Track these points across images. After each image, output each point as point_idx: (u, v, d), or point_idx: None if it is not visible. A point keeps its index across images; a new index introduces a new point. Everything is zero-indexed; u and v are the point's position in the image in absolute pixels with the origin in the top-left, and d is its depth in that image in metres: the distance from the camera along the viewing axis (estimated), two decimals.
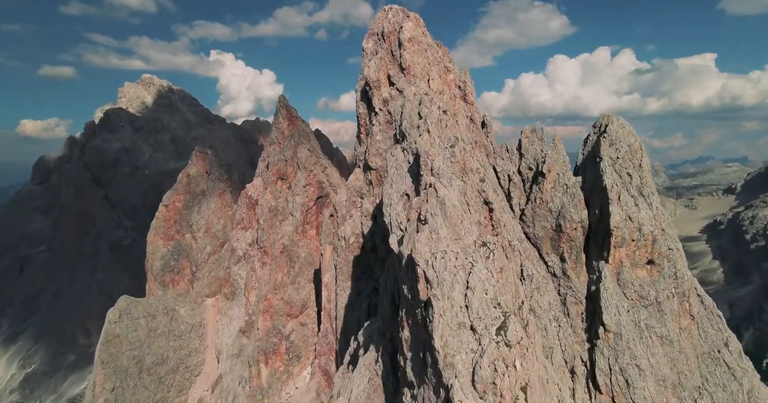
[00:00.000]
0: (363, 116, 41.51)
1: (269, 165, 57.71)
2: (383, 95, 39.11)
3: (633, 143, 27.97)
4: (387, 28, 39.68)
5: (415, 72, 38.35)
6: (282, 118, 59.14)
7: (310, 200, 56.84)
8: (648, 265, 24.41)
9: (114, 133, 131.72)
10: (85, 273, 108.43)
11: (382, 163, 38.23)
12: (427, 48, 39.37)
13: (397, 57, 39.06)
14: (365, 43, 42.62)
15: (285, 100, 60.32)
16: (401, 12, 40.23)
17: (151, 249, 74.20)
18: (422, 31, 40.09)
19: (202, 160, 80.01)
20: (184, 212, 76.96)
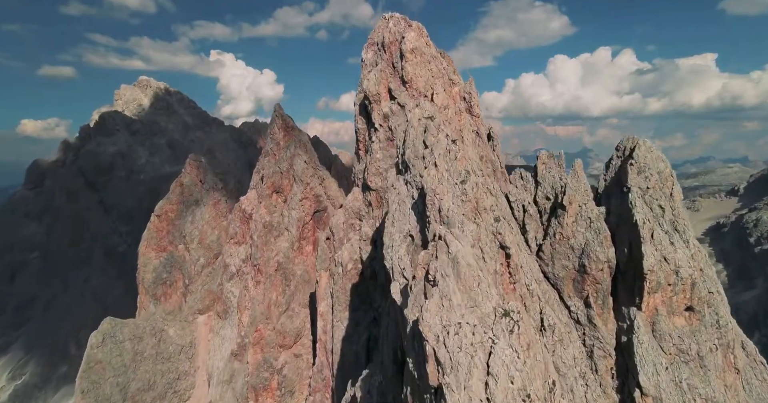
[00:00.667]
0: (362, 132, 38.25)
1: (264, 177, 54.45)
2: (383, 110, 35.86)
3: (663, 170, 24.78)
4: (388, 38, 36.39)
5: (417, 86, 35.09)
6: (277, 128, 55.82)
7: (306, 215, 53.59)
8: (686, 311, 21.26)
9: (109, 137, 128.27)
10: (78, 280, 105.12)
11: (382, 183, 35.00)
12: (430, 59, 36.09)
13: (398, 69, 35.80)
14: (364, 53, 39.33)
15: (280, 109, 57.00)
16: (403, 21, 36.93)
17: (143, 261, 70.95)
18: (425, 42, 36.80)
19: (195, 168, 76.69)
20: (177, 223, 73.68)
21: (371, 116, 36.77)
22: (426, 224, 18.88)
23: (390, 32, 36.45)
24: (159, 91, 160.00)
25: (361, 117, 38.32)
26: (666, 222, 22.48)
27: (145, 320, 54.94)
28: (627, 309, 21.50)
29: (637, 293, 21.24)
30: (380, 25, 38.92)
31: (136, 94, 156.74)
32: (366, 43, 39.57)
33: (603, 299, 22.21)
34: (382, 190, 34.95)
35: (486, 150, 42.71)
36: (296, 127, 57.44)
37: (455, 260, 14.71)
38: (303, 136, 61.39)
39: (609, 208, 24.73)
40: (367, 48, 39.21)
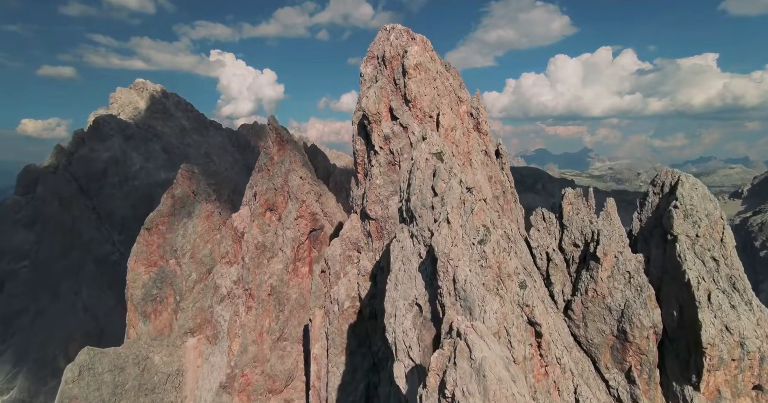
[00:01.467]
0: (361, 154, 34.33)
1: (257, 194, 50.52)
2: (384, 131, 31.95)
3: (712, 212, 20.93)
4: (389, 52, 32.44)
5: (422, 105, 31.17)
6: (271, 142, 51.86)
7: (302, 234, 49.70)
8: (754, 391, 17.46)
9: (103, 142, 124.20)
10: (69, 291, 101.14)
11: (383, 212, 31.11)
12: (436, 76, 32.18)
13: (400, 86, 31.87)
14: (363, 67, 35.39)
15: (274, 121, 53.05)
16: (405, 33, 32.97)
17: (132, 277, 67.01)
18: (430, 56, 32.87)
19: (188, 178, 72.68)
20: (168, 236, 69.70)
21: (371, 137, 32.87)
22: (437, 295, 15.03)
23: (391, 46, 32.51)
24: (155, 94, 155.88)
25: (359, 137, 34.41)
26: (722, 279, 18.64)
27: (129, 347, 51.02)
28: (680, 387, 17.67)
29: (693, 369, 17.42)
30: (380, 37, 34.99)
31: (131, 97, 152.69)
32: (365, 56, 35.63)
33: (649, 372, 18.38)
34: (383, 220, 31.08)
35: (495, 169, 38.85)
36: (291, 140, 53.52)
37: (481, 372, 10.86)
38: (298, 149, 57.46)
39: (648, 256, 20.89)
40: (366, 62, 35.28)
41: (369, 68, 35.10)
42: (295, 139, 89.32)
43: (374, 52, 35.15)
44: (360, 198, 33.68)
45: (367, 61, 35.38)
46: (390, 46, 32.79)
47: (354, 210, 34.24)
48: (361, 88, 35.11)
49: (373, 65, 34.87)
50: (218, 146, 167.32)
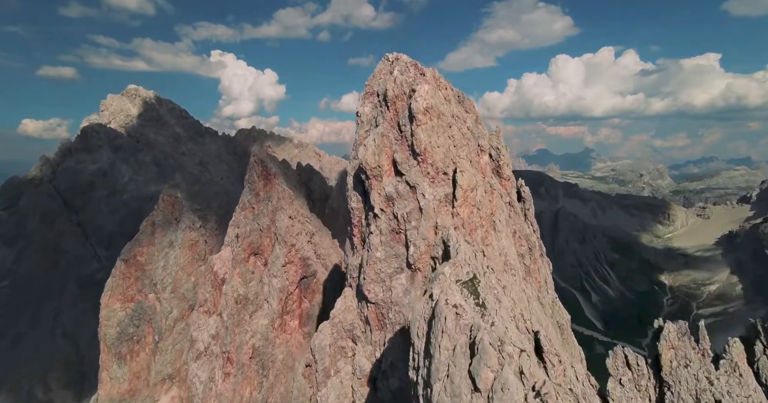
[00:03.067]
0: (357, 213, 27.86)
1: (239, 236, 44.05)
2: (386, 190, 25.52)
3: None
4: (392, 89, 25.97)
5: (434, 159, 24.72)
6: (256, 177, 45.38)
7: (291, 283, 43.29)
8: None
9: (90, 153, 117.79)
10: (49, 314, 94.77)
11: (384, 295, 24.69)
12: (452, 122, 25.74)
13: (406, 134, 25.42)
14: (360, 105, 28.91)
15: (261, 151, 46.60)
16: (412, 67, 26.48)
17: (106, 314, 60.68)
18: (443, 97, 26.43)
19: (170, 204, 66.35)
20: (148, 268, 63.39)
21: (370, 195, 26.42)
22: None
23: (395, 82, 26.02)
24: (148, 101, 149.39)
25: (355, 193, 27.93)
26: None
27: None
28: None
29: None
30: (381, 69, 28.51)
31: (123, 104, 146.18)
32: (363, 92, 29.14)
33: None
34: (385, 306, 24.65)
35: (518, 221, 32.31)
36: (279, 173, 47.03)
37: None
38: (289, 180, 51.00)
39: None
40: (364, 99, 28.80)
41: (367, 107, 28.63)
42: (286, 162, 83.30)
43: (374, 87, 28.69)
44: (356, 269, 27.22)
45: (365, 98, 28.91)
46: (393, 83, 26.31)
47: (348, 283, 27.78)
48: (359, 132, 28.64)
49: (373, 104, 28.40)
50: (213, 154, 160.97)
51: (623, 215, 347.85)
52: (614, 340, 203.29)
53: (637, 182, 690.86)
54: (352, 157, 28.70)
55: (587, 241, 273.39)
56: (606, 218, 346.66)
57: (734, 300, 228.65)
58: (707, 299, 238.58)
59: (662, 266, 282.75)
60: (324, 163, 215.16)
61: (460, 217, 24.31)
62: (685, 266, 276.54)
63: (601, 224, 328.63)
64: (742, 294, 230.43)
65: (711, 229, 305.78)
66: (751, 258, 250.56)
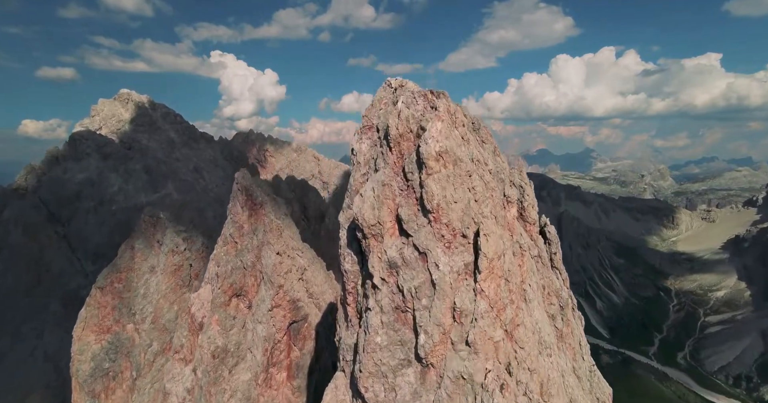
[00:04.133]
0: (352, 277, 22.15)
1: (219, 276, 38.40)
2: (388, 254, 19.85)
3: None
4: (396, 127, 20.26)
5: (450, 218, 19.02)
6: (240, 207, 39.67)
7: (278, 330, 37.66)
8: None
9: (78, 162, 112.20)
10: (31, 333, 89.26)
11: (387, 396, 19.01)
12: (472, 168, 20.01)
13: (414, 184, 19.71)
14: (356, 140, 23.18)
15: (245, 176, 40.84)
16: (421, 99, 20.69)
17: (78, 348, 55.16)
18: (461, 136, 20.71)
19: (152, 226, 60.71)
20: (126, 296, 57.84)
21: (368, 259, 20.74)
22: None
23: (400, 118, 20.30)
24: (141, 106, 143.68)
25: (350, 252, 22.24)
26: None
27: None
28: None
29: None
30: (381, 97, 22.82)
31: (115, 109, 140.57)
32: (360, 125, 23.42)
33: None
34: None
35: (547, 274, 26.73)
36: (267, 201, 41.29)
37: None
38: (279, 207, 45.28)
39: None
40: (361, 134, 23.10)
41: (365, 144, 22.94)
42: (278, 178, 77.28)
43: (372, 119, 22.99)
44: (350, 350, 21.55)
45: (363, 132, 23.21)
46: (397, 118, 20.58)
47: (341, 367, 22.09)
48: (354, 175, 22.96)
49: (372, 141, 22.71)
50: (209, 160, 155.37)
51: (627, 219, 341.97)
52: (620, 348, 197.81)
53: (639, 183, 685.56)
54: (346, 205, 23.03)
55: (591, 246, 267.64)
56: (609, 221, 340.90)
57: (742, 307, 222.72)
58: (714, 305, 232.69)
59: (667, 271, 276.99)
60: (323, 167, 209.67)
61: (485, 294, 18.64)
62: (690, 270, 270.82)
63: (605, 228, 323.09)
64: (750, 301, 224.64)
65: (716, 232, 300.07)
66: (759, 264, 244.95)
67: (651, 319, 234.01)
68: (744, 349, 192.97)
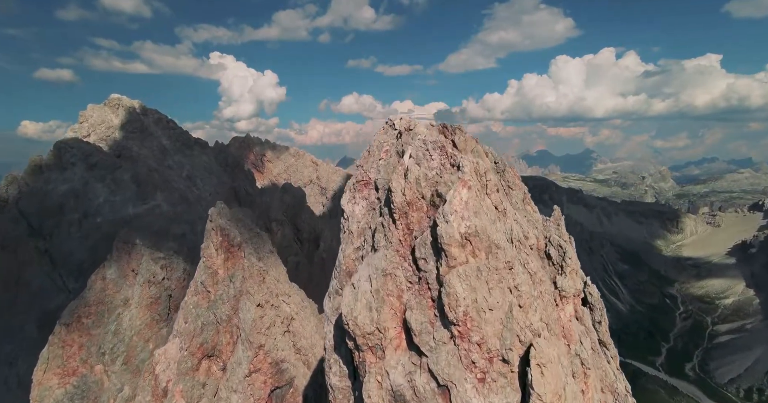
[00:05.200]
0: (340, 398, 15.63)
1: (187, 334, 31.92)
2: (392, 379, 13.45)
3: None
4: (403, 191, 13.82)
5: (483, 335, 12.54)
6: (213, 249, 33.20)
7: (258, 400, 31.21)
8: None
9: (62, 172, 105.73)
10: (5, 360, 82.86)
11: None
12: (512, 256, 13.49)
13: (429, 278, 13.28)
14: (348, 200, 16.69)
15: (221, 212, 34.34)
16: (438, 151, 14.18)
17: (38, 393, 48.96)
18: (495, 205, 14.24)
19: (126, 253, 54.30)
20: (95, 332, 51.50)
21: (363, 380, 14.26)
22: None
23: (409, 179, 13.82)
24: (132, 111, 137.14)
25: (337, 360, 15.78)
26: None
27: None
28: None
29: None
30: (381, 141, 16.41)
31: (105, 114, 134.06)
32: (353, 179, 16.91)
33: None
34: None
35: (600, 363, 20.31)
36: (246, 241, 34.75)
37: None
38: (263, 242, 38.77)
39: None
40: (354, 191, 16.63)
41: (359, 206, 16.50)
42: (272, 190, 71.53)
43: (369, 172, 16.52)
44: None
45: (356, 189, 16.74)
46: (404, 180, 14.08)
47: None
48: (344, 250, 16.50)
49: (368, 202, 16.24)
50: (203, 167, 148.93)
51: (630, 223, 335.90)
52: (626, 359, 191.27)
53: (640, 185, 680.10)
54: (333, 289, 16.57)
55: (594, 251, 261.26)
56: (612, 225, 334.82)
57: (752, 316, 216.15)
58: (722, 313, 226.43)
59: (673, 277, 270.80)
60: (321, 172, 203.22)
61: None
62: (696, 277, 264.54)
63: (608, 232, 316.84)
64: (759, 309, 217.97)
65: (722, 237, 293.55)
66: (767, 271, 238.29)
67: (657, 327, 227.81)
68: (755, 360, 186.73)
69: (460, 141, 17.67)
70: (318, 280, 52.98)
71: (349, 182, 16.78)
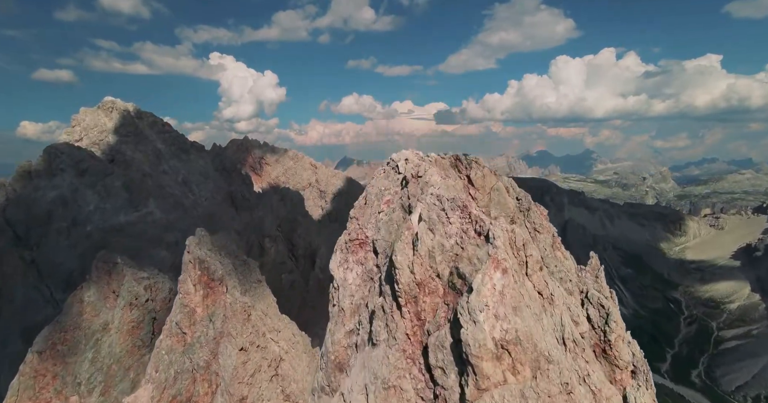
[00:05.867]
0: None
1: (158, 384, 27.75)
2: None
3: None
4: (411, 267, 9.67)
5: None
6: (191, 285, 29.05)
7: None
8: None
9: (51, 178, 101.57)
10: None
11: None
12: (566, 368, 9.28)
13: (448, 396, 9.13)
14: (339, 266, 12.48)
15: (200, 241, 30.19)
16: (459, 212, 10.01)
17: None
18: (539, 290, 10.05)
19: (106, 274, 50.15)
20: (71, 360, 47.31)
21: None
22: None
23: (419, 252, 9.63)
24: (126, 115, 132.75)
25: None
26: None
27: None
28: None
29: None
30: (381, 188, 12.23)
31: (98, 118, 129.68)
32: (342, 238, 12.69)
33: None
34: None
35: None
36: (229, 274, 30.54)
37: None
38: (250, 269, 34.56)
39: None
40: (347, 252, 12.34)
41: (352, 273, 12.29)
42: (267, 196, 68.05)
43: (365, 229, 12.27)
44: None
45: (348, 249, 12.49)
46: (412, 252, 9.83)
47: None
48: (332, 330, 12.29)
49: (365, 269, 11.99)
50: (199, 172, 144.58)
51: (632, 225, 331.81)
52: None
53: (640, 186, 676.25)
54: (318, 385, 12.38)
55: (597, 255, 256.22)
56: (614, 227, 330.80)
57: (758, 321, 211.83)
58: (728, 319, 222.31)
59: (676, 281, 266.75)
60: (320, 175, 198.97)
61: None
62: (701, 281, 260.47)
63: (610, 235, 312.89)
64: (765, 314, 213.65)
65: (726, 240, 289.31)
66: None
67: (662, 333, 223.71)
68: (762, 367, 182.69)
69: (478, 177, 13.59)
70: (314, 302, 48.85)
71: (340, 241, 12.59)
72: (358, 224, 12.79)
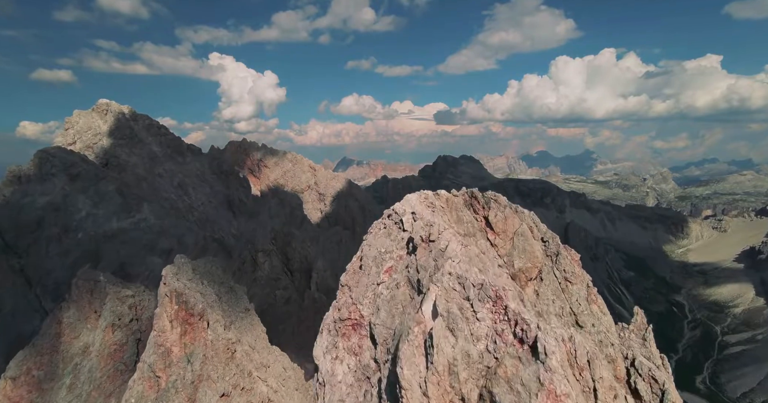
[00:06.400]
0: None
1: None
2: None
3: None
4: (423, 386, 6.39)
5: None
6: (167, 320, 25.71)
7: None
8: None
9: (41, 183, 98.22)
10: None
11: None
12: None
13: None
14: (325, 352, 9.14)
15: (180, 270, 26.85)
16: (490, 302, 6.80)
17: None
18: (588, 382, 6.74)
19: (87, 292, 46.79)
20: (47, 387, 43.94)
21: None
22: None
23: (434, 363, 6.32)
24: (121, 117, 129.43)
25: None
26: None
27: None
28: None
29: None
30: (381, 250, 8.97)
31: (92, 120, 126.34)
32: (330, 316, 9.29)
33: None
34: None
35: None
36: (210, 307, 27.16)
37: None
38: (231, 311, 31.15)
39: None
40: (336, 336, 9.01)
41: (342, 366, 8.98)
42: None
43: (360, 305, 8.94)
44: None
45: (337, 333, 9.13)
46: (423, 359, 6.44)
47: None
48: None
49: (357, 361, 8.63)
50: (195, 175, 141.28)
51: (634, 227, 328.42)
52: None
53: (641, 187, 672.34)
54: None
55: (599, 258, 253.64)
56: (616, 230, 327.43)
57: (762, 326, 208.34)
58: (732, 323, 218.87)
59: (679, 285, 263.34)
60: (319, 177, 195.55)
61: None
62: (704, 284, 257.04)
63: (612, 238, 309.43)
64: None
65: (729, 243, 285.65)
66: None
67: (665, 337, 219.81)
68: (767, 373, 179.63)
69: (498, 220, 10.37)
70: (309, 322, 45.52)
71: (328, 318, 9.24)
72: (350, 296, 9.49)
